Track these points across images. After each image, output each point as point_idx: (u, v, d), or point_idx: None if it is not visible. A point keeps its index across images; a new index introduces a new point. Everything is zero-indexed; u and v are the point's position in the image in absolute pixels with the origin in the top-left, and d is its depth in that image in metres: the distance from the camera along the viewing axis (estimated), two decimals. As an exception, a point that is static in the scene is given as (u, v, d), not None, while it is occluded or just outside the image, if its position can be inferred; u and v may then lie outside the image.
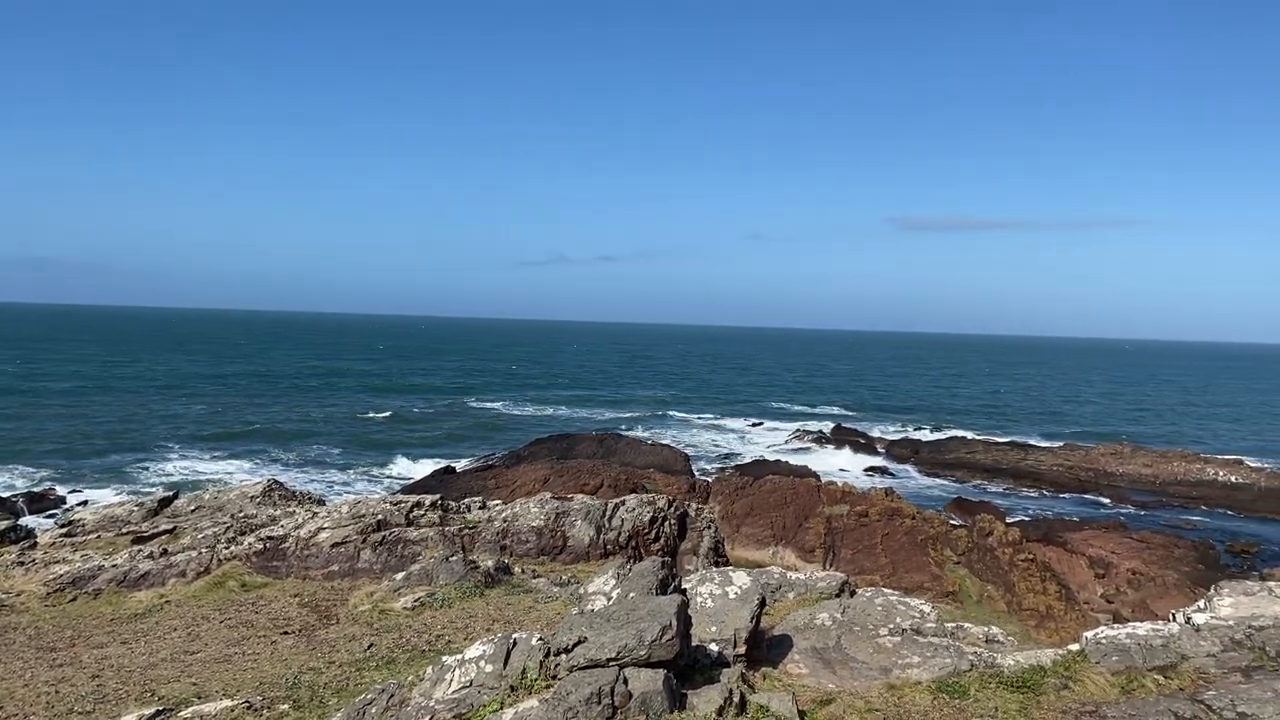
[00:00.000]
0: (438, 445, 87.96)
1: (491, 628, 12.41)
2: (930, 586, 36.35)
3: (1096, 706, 8.01)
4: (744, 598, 9.12)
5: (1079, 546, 52.17)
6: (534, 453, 74.62)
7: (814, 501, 46.40)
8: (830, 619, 9.79)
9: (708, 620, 9.00)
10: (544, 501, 16.01)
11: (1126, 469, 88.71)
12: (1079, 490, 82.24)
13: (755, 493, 49.01)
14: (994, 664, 8.78)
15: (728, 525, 46.17)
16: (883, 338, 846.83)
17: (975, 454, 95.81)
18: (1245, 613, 9.94)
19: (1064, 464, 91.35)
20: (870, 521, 42.33)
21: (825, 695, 8.30)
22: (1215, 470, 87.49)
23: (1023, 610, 35.34)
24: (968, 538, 40.94)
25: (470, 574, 13.18)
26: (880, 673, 8.72)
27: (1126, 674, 8.65)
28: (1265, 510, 75.12)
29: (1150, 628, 9.65)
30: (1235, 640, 9.38)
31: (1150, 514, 73.02)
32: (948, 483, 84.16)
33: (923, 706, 8.02)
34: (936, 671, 8.61)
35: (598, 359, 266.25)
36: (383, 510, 16.05)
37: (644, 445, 78.62)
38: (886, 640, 9.24)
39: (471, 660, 8.25)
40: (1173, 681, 8.53)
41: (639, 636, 7.45)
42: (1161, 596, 41.62)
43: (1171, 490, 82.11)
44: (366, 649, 12.00)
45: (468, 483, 56.41)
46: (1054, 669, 8.64)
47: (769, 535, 45.26)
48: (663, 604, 7.81)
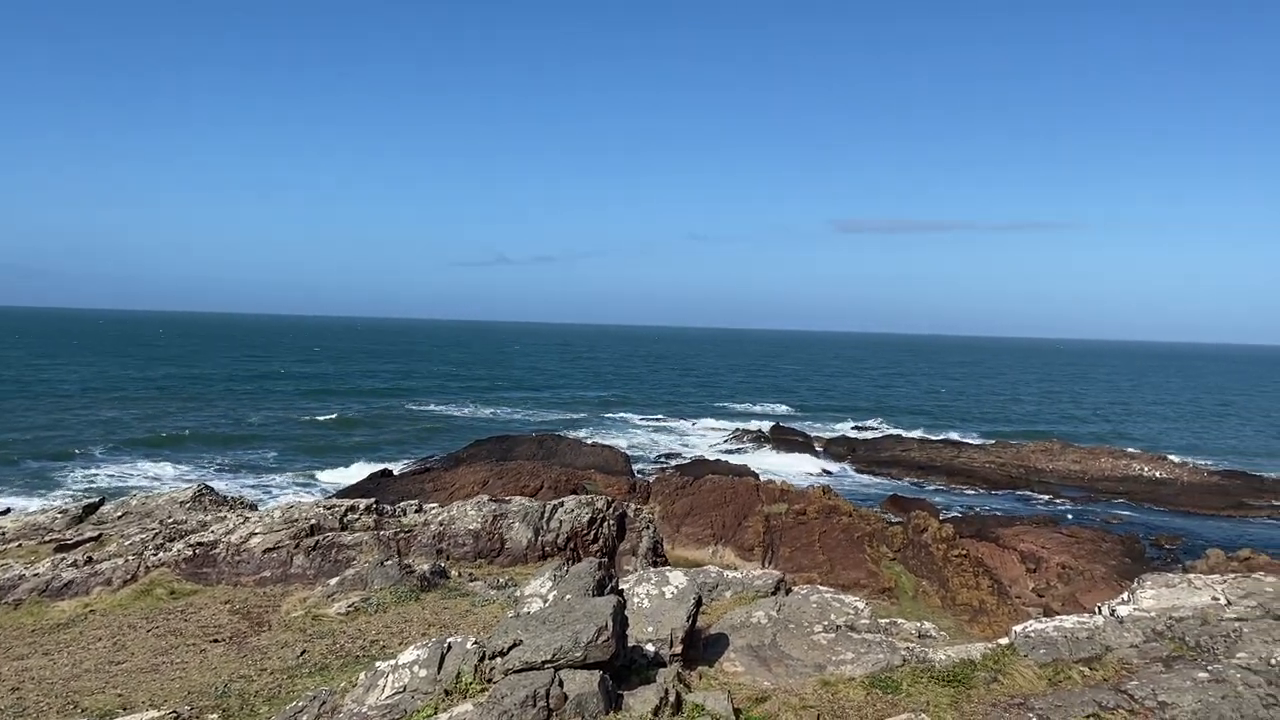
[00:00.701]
0: (375, 448, 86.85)
1: (427, 632, 12.28)
2: (867, 583, 36.83)
3: (1025, 698, 8.17)
4: (680, 598, 9.14)
5: (1011, 542, 53.29)
6: (473, 455, 74.07)
7: (753, 500, 46.72)
8: (766, 617, 9.86)
9: (644, 620, 9.01)
10: (481, 504, 15.89)
11: (1056, 465, 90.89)
12: (1011, 487, 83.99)
13: (695, 492, 49.22)
14: (926, 659, 8.91)
15: (668, 525, 46.31)
16: (824, 338, 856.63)
17: (910, 452, 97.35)
18: (1166, 604, 10.23)
19: (996, 461, 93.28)
20: (808, 519, 42.75)
21: (761, 693, 8.36)
22: (1141, 466, 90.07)
23: (957, 605, 35.99)
24: (903, 534, 41.56)
25: (406, 578, 13.03)
26: (815, 669, 8.80)
27: (1054, 666, 8.84)
28: (1188, 504, 77.47)
29: (1076, 620, 9.89)
30: (1157, 631, 9.65)
31: (1079, 509, 74.86)
32: (884, 480, 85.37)
33: (856, 702, 8.12)
34: (870, 667, 8.72)
35: (539, 360, 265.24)
36: (316, 514, 15.80)
37: (585, 446, 78.48)
38: (821, 637, 9.33)
39: (405, 665, 8.16)
40: (1097, 672, 8.74)
41: (575, 638, 7.43)
42: (1090, 590, 42.69)
43: (1099, 486, 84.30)
44: (299, 656, 11.80)
45: (405, 486, 55.80)
46: (984, 663, 8.80)
47: (709, 534, 45.48)
48: (599, 605, 7.80)
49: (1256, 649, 8.99)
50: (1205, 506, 76.73)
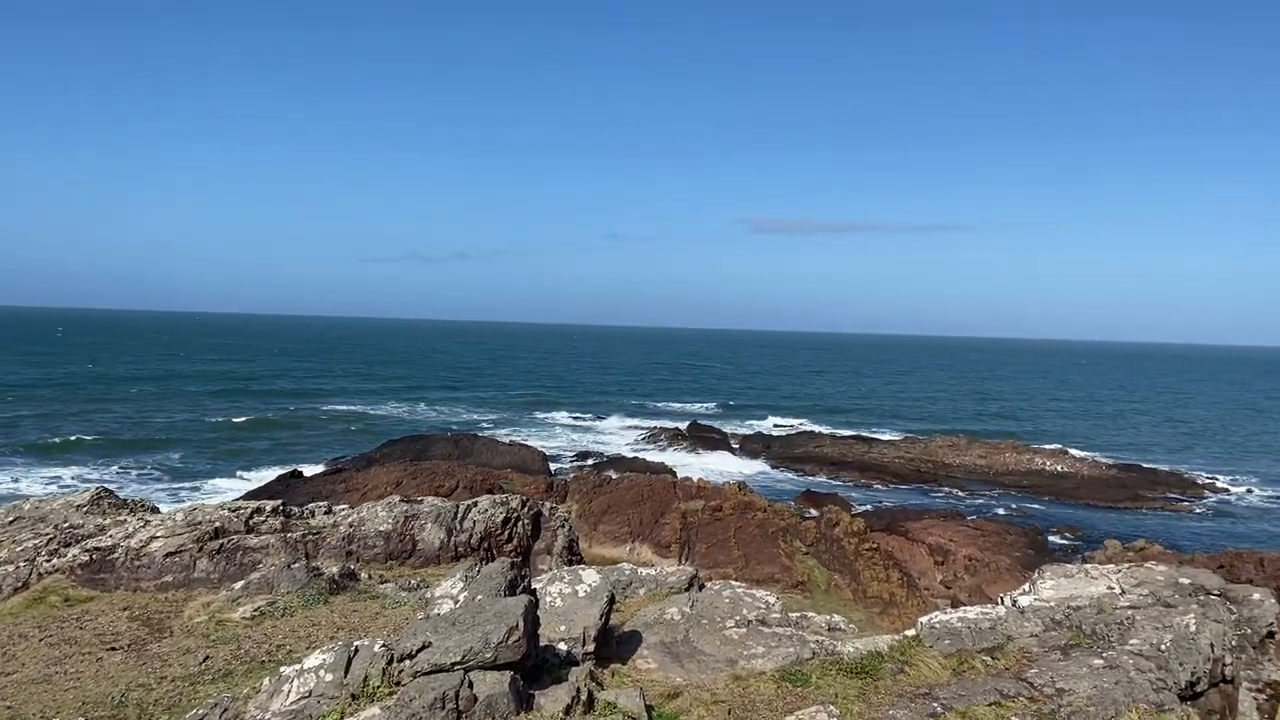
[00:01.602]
0: (286, 450, 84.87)
1: (336, 635, 12.02)
2: (781, 577, 37.30)
3: (930, 688, 8.35)
4: (593, 596, 9.12)
5: (920, 535, 54.56)
6: (386, 455, 72.94)
7: (670, 498, 46.96)
8: (679, 613, 9.90)
9: (557, 620, 8.96)
10: (392, 505, 15.64)
11: (963, 460, 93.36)
12: (919, 481, 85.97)
13: (613, 490, 49.26)
14: (835, 651, 9.05)
15: (585, 523, 46.25)
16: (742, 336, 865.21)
17: (823, 448, 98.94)
18: (1065, 594, 10.57)
19: (905, 456, 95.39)
20: (724, 516, 43.13)
21: (673, 689, 8.39)
22: (1043, 460, 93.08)
23: (868, 598, 36.70)
24: (816, 529, 42.22)
25: (314, 581, 12.75)
26: (727, 664, 8.87)
27: (958, 656, 9.06)
28: (1087, 497, 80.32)
29: (980, 611, 10.15)
30: (1056, 620, 9.96)
31: (985, 503, 77.01)
32: (798, 476, 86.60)
33: (767, 695, 8.20)
34: (780, 661, 8.82)
35: (457, 358, 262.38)
36: (220, 517, 15.36)
37: (501, 445, 77.92)
38: (733, 632, 9.41)
39: (311, 670, 7.98)
40: (999, 662, 8.98)
41: (485, 639, 7.35)
42: (995, 581, 43.93)
43: (1004, 480, 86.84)
44: (201, 662, 11.45)
45: (316, 487, 54.66)
46: (891, 654, 8.97)
47: (626, 532, 45.56)
48: (510, 605, 7.73)
49: (1148, 635, 9.34)
50: (1104, 499, 79.67)
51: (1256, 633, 10.48)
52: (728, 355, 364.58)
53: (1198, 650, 9.25)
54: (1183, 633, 9.38)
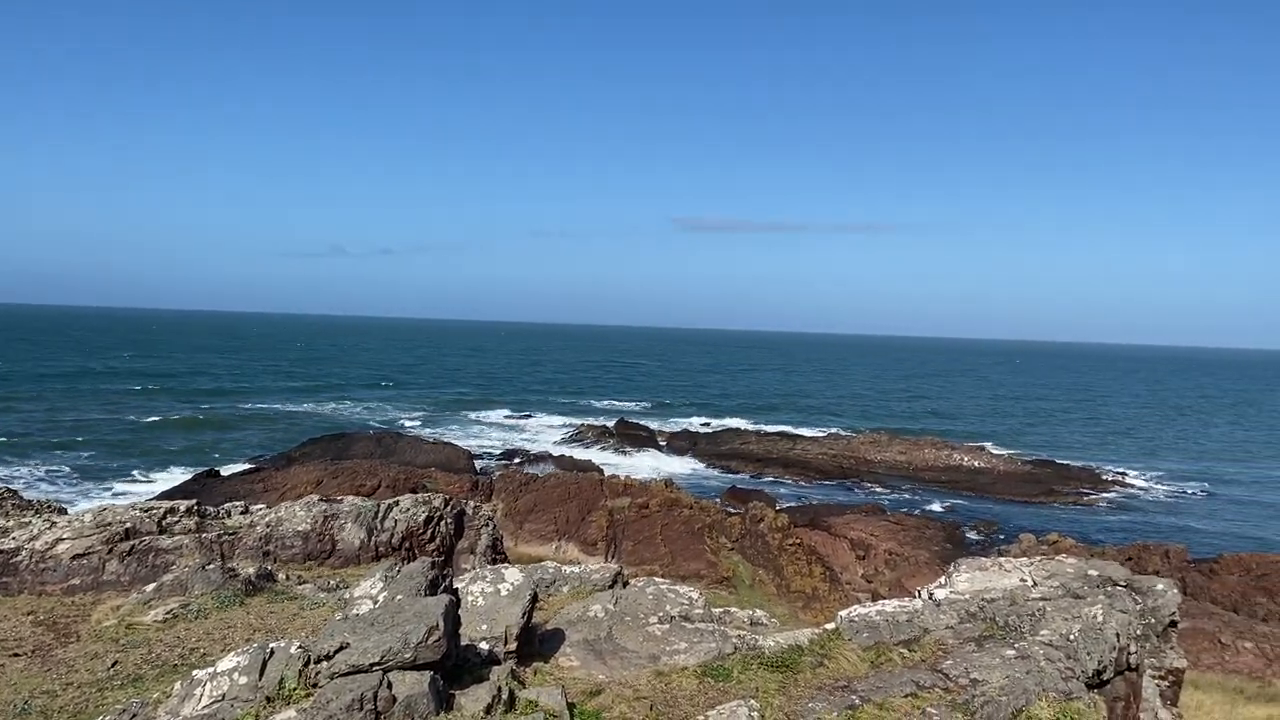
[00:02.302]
0: (203, 449, 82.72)
1: (252, 637, 11.75)
2: (706, 573, 37.56)
3: (848, 681, 8.47)
4: (516, 595, 9.06)
5: (842, 530, 55.43)
6: (306, 453, 71.62)
7: (597, 495, 46.93)
8: (603, 610, 9.89)
9: (479, 619, 8.88)
10: (311, 504, 15.33)
11: (884, 456, 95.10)
12: (842, 477, 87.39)
13: (539, 488, 49.03)
14: (756, 646, 9.12)
15: (511, 522, 45.96)
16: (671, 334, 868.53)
17: (749, 444, 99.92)
18: (979, 586, 10.82)
19: (828, 452, 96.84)
20: (651, 513, 43.25)
21: (595, 686, 8.38)
22: (961, 456, 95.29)
23: (791, 592, 37.16)
24: (741, 525, 42.59)
25: (229, 582, 12.44)
26: (649, 660, 8.88)
27: (876, 649, 9.21)
28: (1003, 492, 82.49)
29: (897, 604, 10.33)
30: (970, 613, 10.19)
31: (905, 498, 78.58)
32: (724, 473, 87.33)
33: (689, 691, 8.24)
34: (702, 656, 8.86)
35: (380, 355, 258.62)
36: (131, 518, 14.89)
37: (425, 444, 77.11)
38: (656, 628, 9.43)
39: (224, 673, 7.77)
40: (916, 654, 9.16)
41: (404, 639, 7.25)
42: (914, 574, 44.83)
43: (924, 475, 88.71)
44: (110, 667, 11.09)
45: (233, 487, 53.40)
46: (811, 648, 9.08)
47: (552, 530, 45.40)
48: (430, 605, 7.63)
49: (1058, 626, 9.62)
50: (1019, 494, 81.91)
51: (1160, 622, 10.87)
52: (657, 353, 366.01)
53: (1105, 640, 9.55)
54: (1091, 623, 9.67)
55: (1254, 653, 34.20)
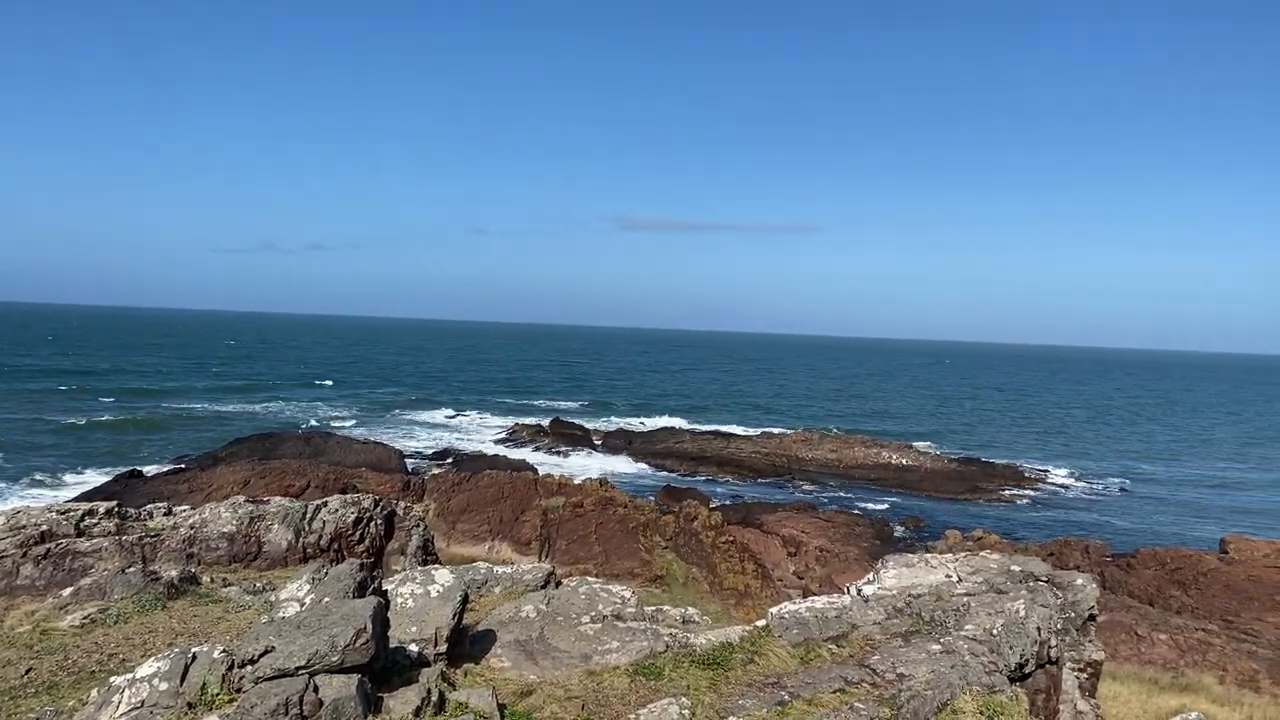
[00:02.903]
0: (126, 449, 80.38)
1: (174, 642, 11.47)
2: (640, 572, 37.63)
3: (778, 678, 8.56)
4: (446, 596, 8.98)
5: (774, 528, 55.98)
6: (233, 453, 70.11)
7: (531, 495, 46.72)
8: (535, 610, 9.86)
9: (408, 620, 8.79)
10: (237, 505, 15.01)
11: (815, 454, 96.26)
12: (774, 475, 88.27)
13: (472, 488, 48.64)
14: (688, 644, 9.17)
15: (444, 522, 45.52)
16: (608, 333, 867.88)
17: (683, 443, 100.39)
18: (906, 582, 11.01)
19: (761, 451, 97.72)
20: (585, 512, 43.19)
21: (527, 686, 8.35)
22: (890, 454, 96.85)
23: (724, 590, 37.42)
24: (675, 523, 42.76)
25: (151, 585, 12.12)
26: (581, 660, 8.88)
27: (805, 645, 9.32)
28: (930, 489, 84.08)
29: (826, 601, 10.47)
30: (897, 608, 10.37)
31: (836, 495, 79.64)
32: (658, 471, 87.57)
33: (620, 690, 8.25)
34: (634, 655, 8.89)
35: (311, 353, 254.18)
36: (47, 520, 14.42)
37: (356, 443, 76.03)
38: (588, 628, 9.42)
39: (144, 679, 7.58)
40: (844, 649, 9.29)
41: (331, 642, 7.14)
42: (844, 571, 45.45)
43: (854, 473, 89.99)
44: (24, 675, 10.73)
45: (157, 488, 52.04)
46: (741, 645, 9.16)
47: (486, 530, 45.08)
48: (358, 607, 7.53)
49: (981, 621, 9.83)
50: (946, 491, 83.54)
51: (1080, 615, 11.17)
52: (594, 352, 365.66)
53: (1026, 634, 9.79)
54: (1013, 618, 9.90)
55: (1168, 644, 35.33)
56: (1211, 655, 34.54)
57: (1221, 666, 33.08)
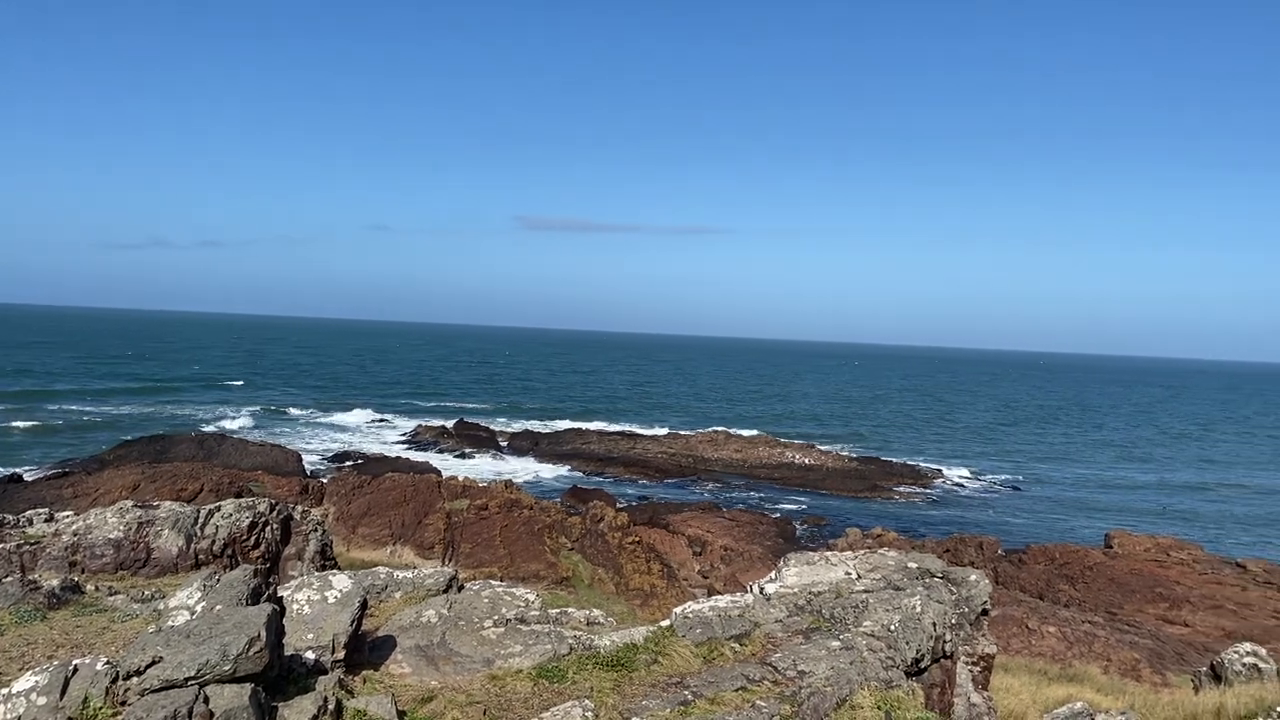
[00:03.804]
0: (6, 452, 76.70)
1: (55, 655, 10.94)
2: (546, 574, 37.44)
3: (681, 677, 8.60)
4: (344, 601, 8.78)
5: (680, 527, 56.37)
6: (121, 456, 67.45)
7: (434, 497, 46.05)
8: (437, 615, 9.71)
9: (305, 627, 8.56)
10: (124, 510, 14.42)
11: (721, 454, 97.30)
12: (680, 475, 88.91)
13: (374, 491, 47.71)
14: (592, 645, 9.15)
15: (344, 526, 44.53)
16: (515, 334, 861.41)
17: (590, 444, 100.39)
18: (807, 580, 11.18)
19: (668, 451, 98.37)
20: (490, 514, 42.77)
21: (427, 692, 8.22)
22: (793, 454, 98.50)
23: (630, 590, 37.50)
24: (581, 524, 42.68)
25: (30, 595, 11.54)
26: (484, 664, 8.78)
27: (708, 644, 9.38)
28: (832, 487, 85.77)
29: (730, 600, 10.56)
30: (799, 606, 10.52)
31: (740, 495, 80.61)
32: (565, 472, 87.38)
33: (523, 694, 8.18)
34: (538, 658, 8.82)
35: (206, 353, 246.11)
36: (-84, 529, 13.63)
37: (252, 446, 73.93)
38: (491, 632, 9.32)
39: (20, 693, 7.21)
40: (746, 648, 9.38)
41: (223, 651, 6.90)
42: (748, 569, 46.02)
43: (758, 473, 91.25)
44: (-112, 694, 10.12)
45: (37, 493, 49.71)
46: (645, 646, 9.17)
47: (387, 534, 44.25)
48: (251, 615, 7.30)
49: (879, 617, 10.04)
50: (846, 490, 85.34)
51: (973, 610, 11.50)
52: (499, 352, 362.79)
53: (922, 629, 10.03)
54: (910, 613, 10.14)
55: (1056, 636, 36.69)
56: (1096, 646, 36.00)
57: (1106, 657, 34.49)
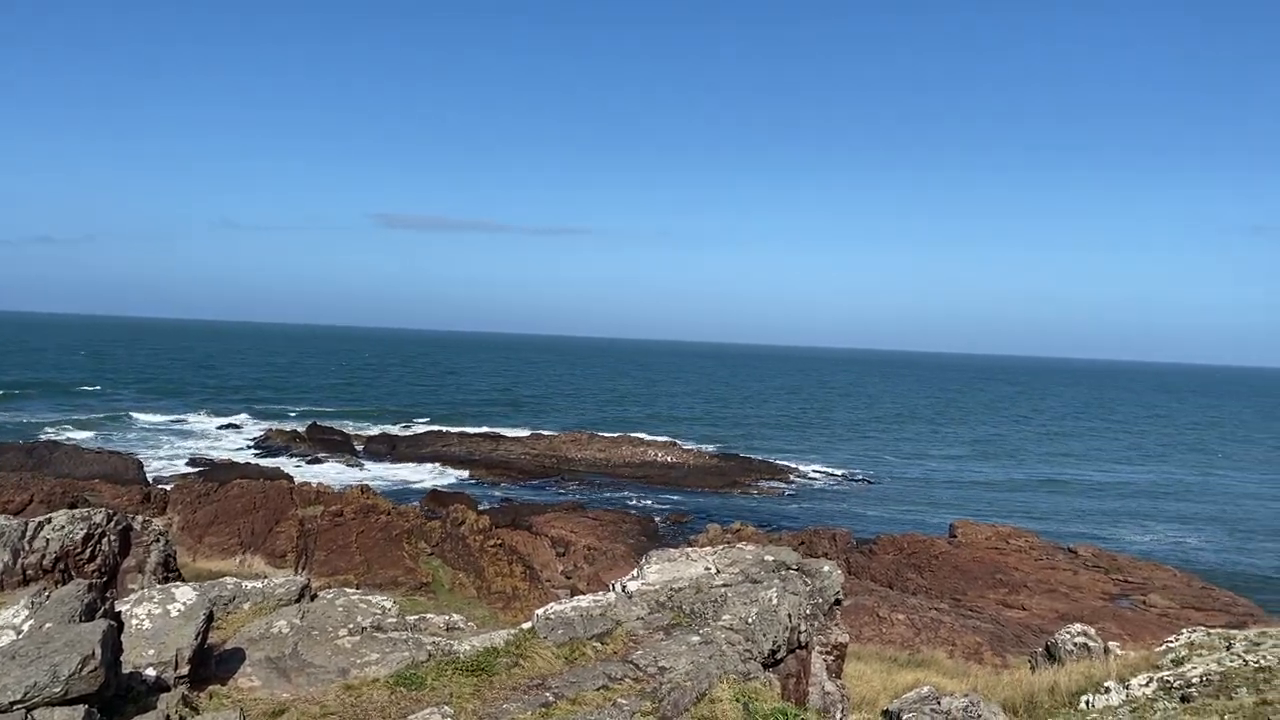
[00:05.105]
0: None
1: None
2: (405, 580, 36.70)
3: (543, 679, 8.56)
4: (188, 614, 8.38)
5: (543, 528, 56.20)
6: (-59, 467, 62.70)
7: (286, 504, 44.53)
8: (288, 625, 9.39)
9: (145, 643, 8.14)
10: (-59, 525, 13.38)
11: (584, 454, 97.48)
12: (544, 476, 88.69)
13: (222, 499, 45.77)
14: (451, 651, 9.01)
15: (189, 536, 42.55)
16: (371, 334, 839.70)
17: (451, 446, 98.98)
18: (668, 577, 11.29)
19: (531, 452, 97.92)
20: (345, 520, 41.61)
21: (279, 705, 7.93)
22: (655, 452, 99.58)
23: (492, 594, 37.12)
24: (441, 528, 41.98)
25: None
26: (339, 674, 8.54)
27: (570, 645, 9.36)
28: (694, 484, 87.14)
29: (592, 599, 10.57)
30: (660, 603, 10.61)
31: (604, 494, 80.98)
32: (425, 476, 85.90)
33: (380, 702, 7.99)
34: (395, 665, 8.64)
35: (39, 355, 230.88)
36: None
37: (88, 453, 69.93)
38: (346, 641, 9.07)
39: None
40: (608, 646, 9.41)
41: (53, 672, 6.49)
42: (612, 568, 46.25)
43: (621, 471, 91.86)
44: None
45: None
46: (506, 649, 9.09)
47: (236, 543, 42.52)
48: (84, 632, 6.88)
49: (738, 610, 10.23)
50: (708, 486, 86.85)
51: (827, 601, 11.84)
52: (354, 353, 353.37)
53: (778, 621, 10.28)
54: (766, 606, 10.37)
55: (905, 624, 38.25)
56: (942, 632, 37.71)
57: (951, 642, 36.16)
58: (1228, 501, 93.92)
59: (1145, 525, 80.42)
